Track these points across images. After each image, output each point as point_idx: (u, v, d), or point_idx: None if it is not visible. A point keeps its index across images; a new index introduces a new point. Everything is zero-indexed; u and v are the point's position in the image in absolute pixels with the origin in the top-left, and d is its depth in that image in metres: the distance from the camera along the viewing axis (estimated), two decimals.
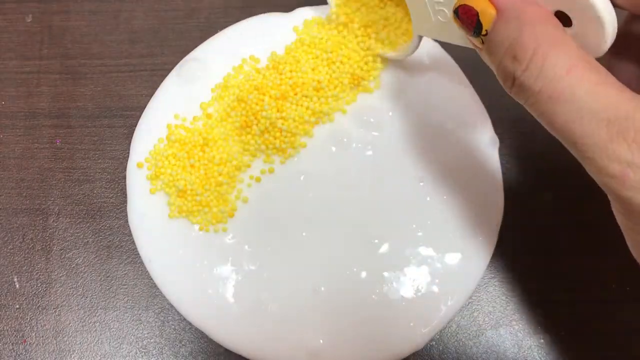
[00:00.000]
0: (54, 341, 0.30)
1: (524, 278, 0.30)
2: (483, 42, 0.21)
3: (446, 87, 0.32)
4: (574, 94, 0.18)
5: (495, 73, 0.21)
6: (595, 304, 0.29)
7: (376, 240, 0.30)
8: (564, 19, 0.21)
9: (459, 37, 0.24)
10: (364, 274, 0.29)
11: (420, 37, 0.28)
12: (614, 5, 0.20)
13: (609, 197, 0.19)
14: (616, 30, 0.20)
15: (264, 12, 0.34)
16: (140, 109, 0.32)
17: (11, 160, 0.33)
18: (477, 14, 0.21)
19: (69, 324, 0.30)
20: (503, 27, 0.20)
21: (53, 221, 0.31)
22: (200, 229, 0.30)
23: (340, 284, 0.29)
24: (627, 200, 0.18)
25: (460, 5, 0.22)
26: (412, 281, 0.29)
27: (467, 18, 0.21)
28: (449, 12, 0.25)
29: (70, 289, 0.30)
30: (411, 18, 0.27)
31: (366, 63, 0.31)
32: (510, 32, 0.20)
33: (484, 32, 0.21)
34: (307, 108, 0.30)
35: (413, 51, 0.29)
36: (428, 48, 0.32)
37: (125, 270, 0.31)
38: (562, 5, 0.20)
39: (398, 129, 0.31)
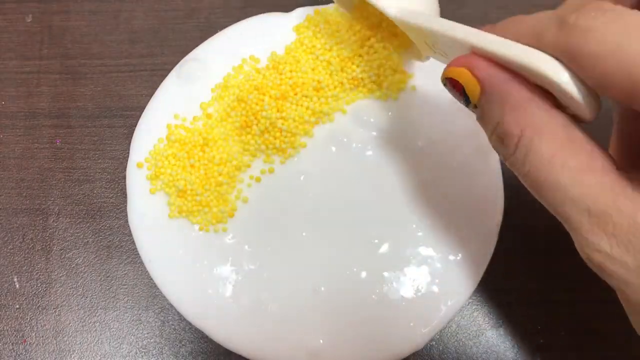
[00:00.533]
0: (54, 341, 0.30)
1: (524, 278, 0.30)
2: (475, 108, 0.21)
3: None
4: (558, 182, 0.18)
5: (489, 140, 0.21)
6: (595, 304, 0.29)
7: (376, 240, 0.30)
8: None
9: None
10: (364, 274, 0.29)
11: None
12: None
13: None
14: (597, 100, 0.19)
15: (264, 12, 0.34)
16: (140, 109, 0.32)
17: (11, 160, 0.33)
18: (462, 87, 0.21)
19: (69, 324, 0.30)
20: (487, 106, 0.20)
21: (53, 221, 0.31)
22: (200, 229, 0.30)
23: (340, 284, 0.29)
24: (615, 287, 0.19)
25: (446, 77, 0.22)
26: (412, 281, 0.29)
27: (454, 90, 0.21)
28: (447, 56, 0.24)
29: (70, 289, 0.30)
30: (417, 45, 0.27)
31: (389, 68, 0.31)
32: (495, 114, 0.20)
33: (473, 105, 0.21)
34: (307, 108, 0.30)
35: (426, 59, 0.29)
36: None
37: (125, 270, 0.31)
38: (535, 79, 0.19)
39: (398, 129, 0.31)
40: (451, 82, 0.21)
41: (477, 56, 0.20)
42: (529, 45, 0.19)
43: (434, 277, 0.29)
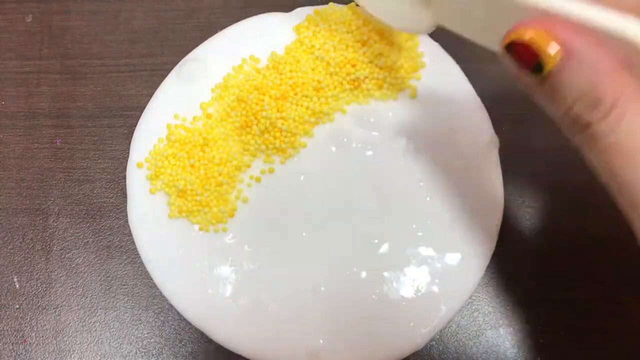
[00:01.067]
0: (54, 341, 0.30)
1: (524, 278, 0.30)
2: (540, 83, 0.19)
3: (446, 87, 0.32)
4: None
5: (558, 117, 0.19)
6: (595, 303, 0.29)
7: (376, 240, 0.30)
8: None
9: (483, 35, 0.21)
10: (364, 274, 0.29)
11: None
12: None
13: None
14: None
15: (264, 12, 0.34)
16: (140, 109, 0.32)
17: (11, 160, 0.33)
18: (535, 54, 0.19)
19: (69, 324, 0.30)
20: (576, 70, 0.18)
21: (53, 221, 0.31)
22: (200, 229, 0.30)
23: (340, 284, 0.29)
24: None
25: (514, 43, 0.19)
26: (412, 281, 0.29)
27: (523, 55, 0.19)
28: (479, 11, 0.21)
29: (70, 289, 0.30)
30: None
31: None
32: (586, 77, 0.18)
33: (544, 73, 0.19)
34: (307, 108, 0.31)
35: (427, 31, 0.27)
36: (428, 48, 0.32)
37: (125, 270, 0.31)
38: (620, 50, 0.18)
39: (398, 129, 0.31)
40: (518, 49, 0.19)
41: (556, 17, 0.19)
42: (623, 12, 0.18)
43: (434, 277, 0.29)
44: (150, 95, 0.32)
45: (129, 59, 0.34)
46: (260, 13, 0.34)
